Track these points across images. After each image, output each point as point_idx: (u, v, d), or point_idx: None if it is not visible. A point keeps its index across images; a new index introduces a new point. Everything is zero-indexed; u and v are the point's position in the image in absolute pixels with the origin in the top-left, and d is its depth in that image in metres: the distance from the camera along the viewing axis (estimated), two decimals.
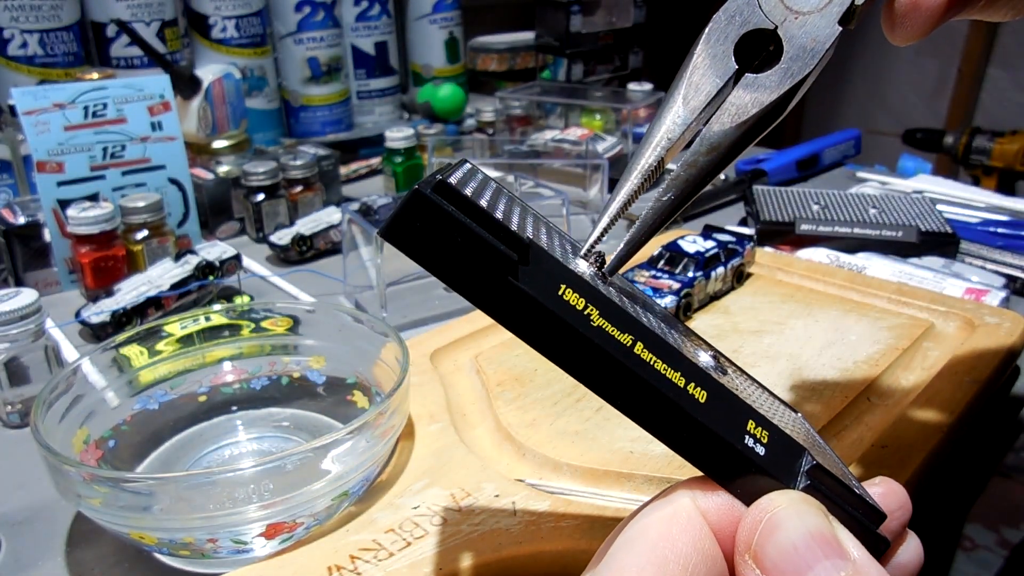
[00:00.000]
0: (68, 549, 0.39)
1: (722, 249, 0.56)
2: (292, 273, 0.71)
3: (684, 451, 0.19)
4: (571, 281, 0.18)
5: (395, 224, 0.17)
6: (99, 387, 0.42)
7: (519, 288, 0.17)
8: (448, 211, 0.17)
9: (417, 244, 0.17)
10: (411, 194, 0.17)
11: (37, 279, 0.67)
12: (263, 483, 0.33)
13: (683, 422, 0.19)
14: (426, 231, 0.17)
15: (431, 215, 0.17)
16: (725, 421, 0.19)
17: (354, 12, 1.15)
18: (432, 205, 0.17)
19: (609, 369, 0.18)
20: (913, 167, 0.99)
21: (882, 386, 0.44)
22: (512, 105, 1.03)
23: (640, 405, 0.19)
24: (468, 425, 0.43)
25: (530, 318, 0.18)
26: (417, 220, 0.17)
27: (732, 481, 0.20)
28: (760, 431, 0.20)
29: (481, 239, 0.17)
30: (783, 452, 0.20)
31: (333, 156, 0.86)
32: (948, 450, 0.40)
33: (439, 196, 0.17)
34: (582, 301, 0.18)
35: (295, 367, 0.47)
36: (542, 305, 0.18)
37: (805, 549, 0.18)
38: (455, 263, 0.17)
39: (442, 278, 0.18)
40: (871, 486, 0.23)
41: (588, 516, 0.34)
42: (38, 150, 0.65)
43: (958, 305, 0.52)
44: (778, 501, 0.19)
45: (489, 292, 0.18)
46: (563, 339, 0.18)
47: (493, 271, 0.17)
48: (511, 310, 0.18)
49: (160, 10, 0.95)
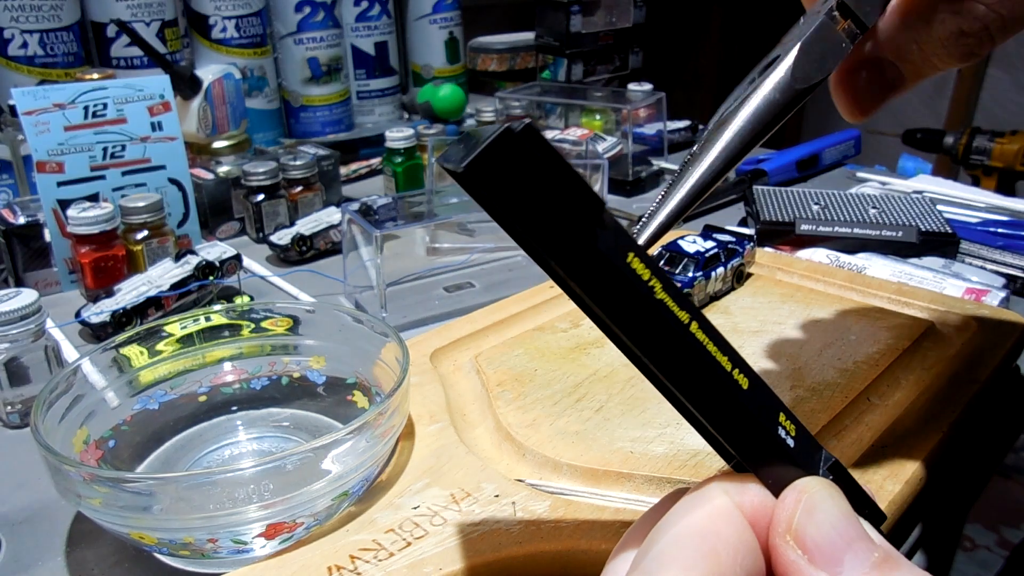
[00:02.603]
0: (68, 549, 0.39)
1: (722, 249, 0.56)
2: (292, 273, 0.71)
3: (724, 432, 0.20)
4: (637, 251, 0.18)
5: (479, 161, 0.16)
6: (99, 387, 0.42)
7: (596, 249, 0.17)
8: (538, 157, 0.16)
9: (499, 188, 0.16)
10: (502, 132, 0.16)
11: (37, 279, 0.67)
12: (263, 483, 0.33)
13: (728, 404, 0.19)
14: (511, 173, 0.16)
15: (521, 156, 0.16)
16: (764, 409, 0.20)
17: (354, 12, 1.15)
18: (523, 149, 0.16)
19: (667, 342, 0.18)
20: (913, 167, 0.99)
21: (882, 386, 0.44)
22: (512, 105, 1.03)
23: (691, 381, 0.19)
24: (468, 425, 0.43)
25: (604, 280, 0.17)
26: (504, 160, 0.16)
27: (765, 468, 0.20)
28: (789, 424, 0.21)
29: (571, 186, 0.16)
30: (807, 446, 0.21)
31: (333, 156, 0.86)
32: (948, 450, 0.40)
33: (531, 136, 0.16)
34: (647, 272, 0.18)
35: (295, 367, 0.47)
36: (616, 267, 0.17)
37: (843, 528, 0.19)
38: (535, 210, 0.16)
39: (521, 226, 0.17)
40: None
41: (588, 516, 0.34)
42: (38, 150, 0.65)
43: (958, 305, 0.52)
44: (812, 485, 0.20)
45: (566, 247, 0.17)
46: (629, 305, 0.18)
47: (575, 222, 0.17)
48: (585, 269, 0.17)
49: (160, 10, 0.95)
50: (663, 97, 0.98)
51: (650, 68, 1.25)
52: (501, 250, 0.73)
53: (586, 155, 0.88)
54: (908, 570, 0.19)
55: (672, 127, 1.06)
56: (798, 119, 2.38)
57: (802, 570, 0.19)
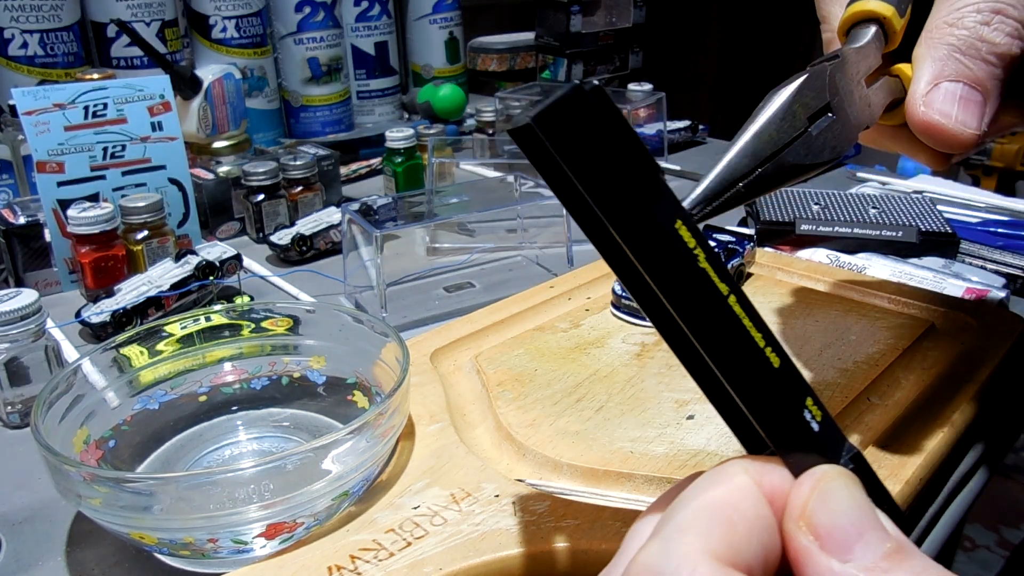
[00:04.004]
0: (68, 549, 0.39)
1: (722, 249, 0.56)
2: (292, 273, 0.71)
3: (751, 407, 0.20)
4: (686, 219, 0.18)
5: (548, 114, 0.16)
6: (99, 387, 0.42)
7: (651, 211, 0.17)
8: (607, 117, 0.16)
9: (564, 141, 0.16)
10: (573, 88, 0.16)
11: (37, 279, 0.67)
12: (263, 483, 0.33)
13: (759, 379, 0.20)
14: (579, 129, 0.16)
15: (589, 114, 0.16)
16: (792, 390, 0.20)
17: (354, 12, 1.15)
18: (591, 105, 0.16)
19: (707, 311, 0.19)
20: (913, 167, 0.99)
21: (882, 386, 0.44)
22: (512, 105, 1.03)
23: (725, 351, 0.19)
24: (468, 425, 0.43)
25: (653, 242, 0.18)
26: (572, 116, 0.16)
27: (787, 449, 0.20)
28: (816, 409, 0.21)
29: (633, 149, 0.17)
30: (832, 434, 0.21)
31: (333, 156, 0.86)
32: (948, 450, 0.40)
33: (599, 95, 0.17)
34: (693, 240, 0.18)
35: (295, 367, 0.47)
36: (665, 232, 0.18)
37: (856, 517, 0.19)
38: (597, 169, 0.17)
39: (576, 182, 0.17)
40: None
41: (588, 516, 0.34)
42: (38, 150, 0.65)
43: (958, 305, 0.52)
44: (830, 472, 0.20)
45: (621, 206, 0.17)
46: (673, 269, 0.18)
47: (634, 186, 0.17)
48: (638, 230, 0.18)
49: (160, 10, 0.95)
50: (663, 97, 0.98)
51: (650, 68, 1.25)
52: (501, 250, 0.73)
53: None
54: (920, 561, 0.18)
55: (672, 127, 1.06)
56: None
57: (812, 555, 0.19)
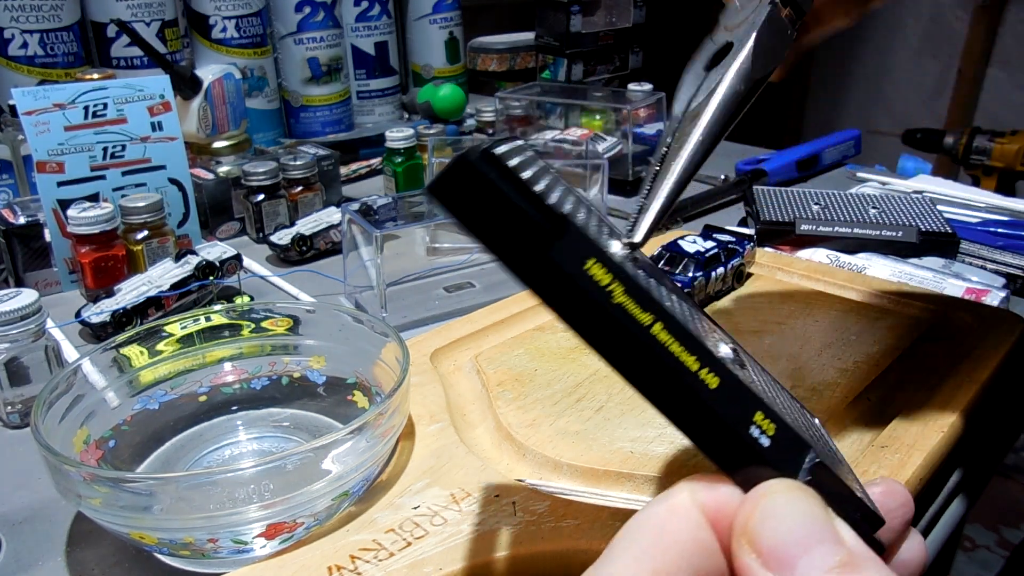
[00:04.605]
0: (68, 549, 0.39)
1: (722, 249, 0.56)
2: (292, 273, 0.71)
3: (690, 433, 0.20)
4: (599, 256, 0.19)
5: (440, 185, 0.19)
6: (99, 387, 0.42)
7: (548, 258, 0.19)
8: (489, 179, 0.18)
9: (459, 206, 0.19)
10: (457, 159, 0.19)
11: (37, 279, 0.67)
12: (263, 483, 0.33)
13: (691, 404, 0.20)
14: (468, 195, 0.19)
15: (473, 182, 0.19)
16: (733, 409, 0.20)
17: (354, 12, 1.15)
18: (475, 173, 0.18)
19: (625, 344, 0.19)
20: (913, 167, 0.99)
21: (882, 386, 0.44)
22: (512, 105, 1.03)
23: (651, 382, 0.20)
24: (468, 425, 0.43)
25: (557, 288, 0.19)
26: (461, 184, 0.19)
27: (734, 469, 0.20)
28: (767, 423, 0.21)
29: (519, 209, 0.18)
30: (788, 447, 0.21)
31: (333, 156, 0.86)
32: (948, 450, 0.40)
33: (484, 164, 0.19)
34: (608, 277, 0.19)
35: (295, 367, 0.47)
36: (569, 277, 0.19)
37: (800, 533, 0.18)
38: (492, 228, 0.19)
39: (480, 239, 0.19)
40: (872, 486, 0.23)
41: (588, 516, 0.34)
42: (38, 150, 0.65)
43: (958, 305, 0.52)
44: (774, 487, 0.19)
45: (522, 260, 0.19)
46: (583, 311, 0.19)
47: (526, 240, 0.19)
48: (540, 278, 0.19)
49: (160, 10, 0.95)
50: (663, 97, 0.98)
51: (650, 68, 1.24)
52: None
53: (586, 155, 0.88)
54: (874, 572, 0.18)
55: None
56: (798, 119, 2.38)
57: (755, 573, 0.18)
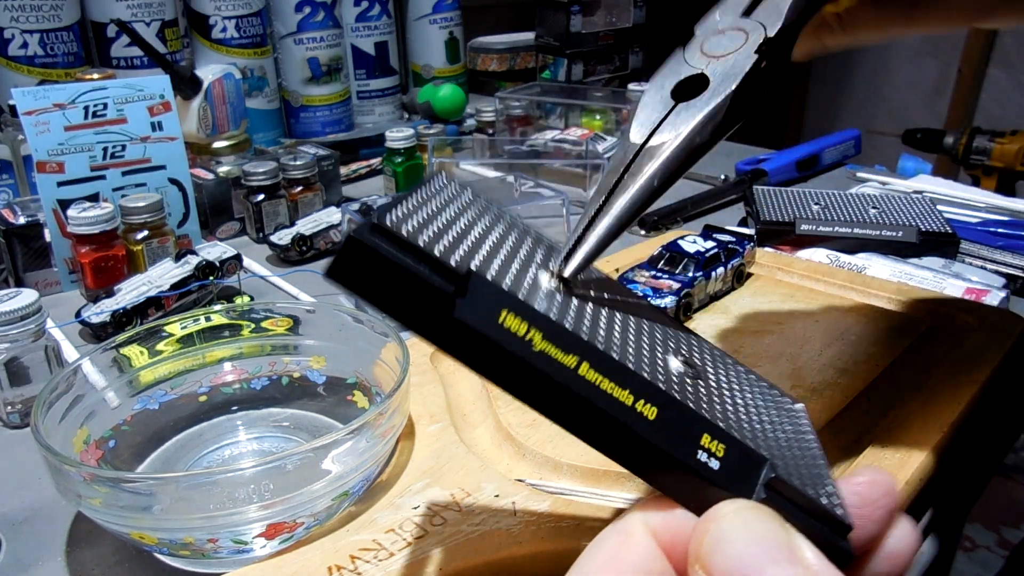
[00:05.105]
0: (68, 549, 0.39)
1: (722, 249, 0.56)
2: (292, 273, 0.71)
3: (633, 469, 0.19)
4: (513, 306, 0.18)
5: (336, 267, 0.18)
6: (99, 387, 0.42)
7: (456, 319, 0.18)
8: (382, 253, 0.18)
9: (359, 284, 0.18)
10: (346, 239, 0.18)
11: (37, 279, 0.67)
12: (263, 483, 0.33)
13: (631, 441, 0.19)
14: (365, 272, 0.18)
15: (367, 257, 0.18)
16: (675, 437, 0.19)
17: (354, 12, 1.15)
18: (366, 248, 0.18)
19: (550, 392, 0.19)
20: (913, 167, 0.99)
21: (882, 386, 0.44)
22: (512, 105, 1.03)
23: (587, 426, 0.19)
24: (468, 425, 0.43)
25: (471, 347, 0.18)
26: (356, 262, 0.18)
27: (685, 497, 0.20)
28: (716, 444, 0.20)
29: (415, 276, 0.18)
30: (740, 465, 0.20)
31: (333, 156, 0.86)
32: (948, 450, 0.40)
33: (374, 238, 0.18)
34: (524, 326, 0.18)
35: (295, 367, 0.47)
36: (481, 334, 0.18)
37: (753, 556, 0.18)
38: (395, 299, 0.18)
39: (386, 313, 0.18)
40: (856, 476, 0.22)
41: (588, 516, 0.34)
42: (38, 150, 0.65)
43: (958, 305, 0.52)
44: (725, 510, 0.19)
45: (430, 325, 0.18)
46: (504, 366, 0.18)
47: (430, 305, 0.18)
48: (452, 340, 0.18)
49: (160, 10, 0.95)
50: None
51: (650, 68, 1.25)
52: None
53: (586, 155, 0.88)
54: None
55: None
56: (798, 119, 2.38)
57: None
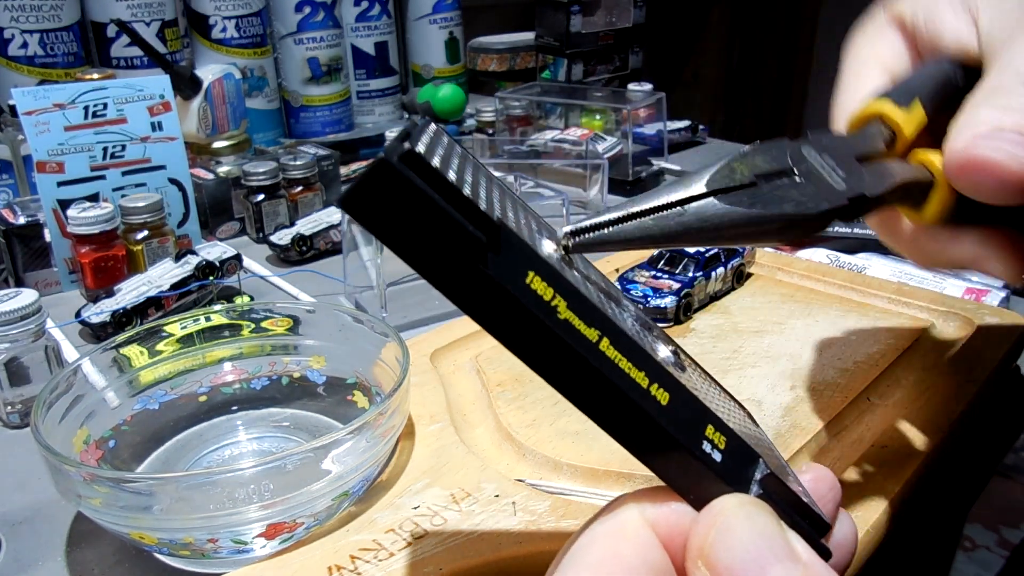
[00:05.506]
0: (68, 549, 0.39)
1: (722, 249, 0.56)
2: (292, 273, 0.71)
3: (640, 453, 0.19)
4: (540, 268, 0.17)
5: (354, 196, 0.15)
6: (99, 387, 0.42)
7: (486, 274, 0.16)
8: (417, 185, 0.15)
9: (379, 218, 0.16)
10: (376, 163, 0.15)
11: (37, 279, 0.67)
12: (263, 483, 0.33)
13: (643, 424, 0.18)
14: (390, 205, 0.15)
15: (397, 188, 0.15)
16: (686, 425, 0.19)
17: (354, 12, 1.15)
18: (399, 177, 0.15)
19: (571, 364, 0.17)
20: None
21: (882, 386, 0.44)
22: (512, 105, 1.03)
23: (601, 403, 0.18)
24: (468, 425, 0.43)
25: (494, 306, 0.16)
26: (381, 192, 0.15)
27: (686, 487, 0.19)
28: (718, 436, 0.20)
29: (451, 219, 0.16)
30: (739, 459, 0.20)
31: (333, 156, 0.86)
32: (948, 450, 0.40)
33: (406, 167, 0.15)
34: (550, 291, 0.17)
35: (295, 367, 0.47)
36: (509, 293, 0.16)
37: (758, 552, 0.18)
38: (419, 241, 0.16)
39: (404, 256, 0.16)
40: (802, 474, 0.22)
41: (588, 516, 0.34)
42: (38, 150, 0.65)
43: (958, 305, 0.52)
44: (729, 504, 0.19)
45: (453, 275, 0.16)
46: (527, 330, 0.17)
47: (461, 254, 0.16)
48: (475, 296, 0.16)
49: (160, 10, 0.95)
50: (663, 97, 0.98)
51: (650, 68, 1.25)
52: None
53: (586, 155, 0.88)
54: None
55: (672, 127, 1.06)
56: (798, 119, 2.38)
57: None
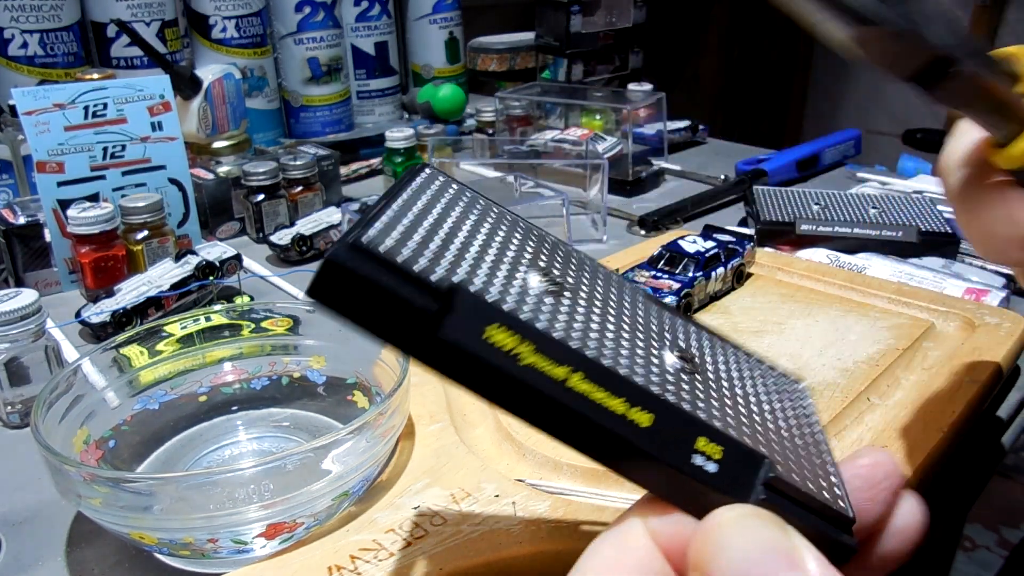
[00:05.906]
0: (68, 549, 0.39)
1: (722, 249, 0.56)
2: (292, 273, 0.71)
3: (627, 475, 0.19)
4: (500, 319, 0.18)
5: (315, 287, 0.18)
6: (99, 387, 0.42)
7: (439, 340, 0.17)
8: (361, 275, 0.17)
9: (338, 303, 0.18)
10: (324, 261, 0.17)
11: (37, 279, 0.67)
12: (263, 483, 0.33)
13: (622, 450, 0.19)
14: (344, 293, 0.17)
15: (344, 279, 0.17)
16: (671, 443, 0.19)
17: (354, 12, 1.15)
18: (344, 271, 0.17)
19: (539, 406, 0.18)
20: (913, 167, 0.99)
21: (882, 386, 0.44)
22: (512, 105, 1.03)
23: (575, 437, 0.19)
24: (468, 425, 0.43)
25: (457, 364, 0.18)
26: (333, 283, 0.17)
27: (682, 501, 0.19)
28: (712, 447, 0.20)
29: (396, 297, 0.17)
30: (739, 465, 0.20)
31: (333, 156, 0.86)
32: (948, 450, 0.40)
33: (352, 259, 0.17)
34: (514, 339, 0.18)
35: (295, 367, 0.47)
36: (467, 352, 0.18)
37: (755, 564, 0.18)
38: (375, 319, 0.18)
39: (366, 331, 0.18)
40: (858, 459, 0.22)
41: (588, 516, 0.34)
42: (38, 150, 0.65)
43: (958, 305, 0.53)
44: (725, 517, 0.19)
45: (412, 344, 0.18)
46: (491, 382, 0.18)
47: (412, 326, 0.17)
48: (437, 359, 0.18)
49: (160, 10, 0.95)
50: (663, 97, 0.98)
51: (650, 68, 1.25)
52: None
53: (586, 155, 0.88)
54: None
55: (672, 127, 1.06)
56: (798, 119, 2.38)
57: None
